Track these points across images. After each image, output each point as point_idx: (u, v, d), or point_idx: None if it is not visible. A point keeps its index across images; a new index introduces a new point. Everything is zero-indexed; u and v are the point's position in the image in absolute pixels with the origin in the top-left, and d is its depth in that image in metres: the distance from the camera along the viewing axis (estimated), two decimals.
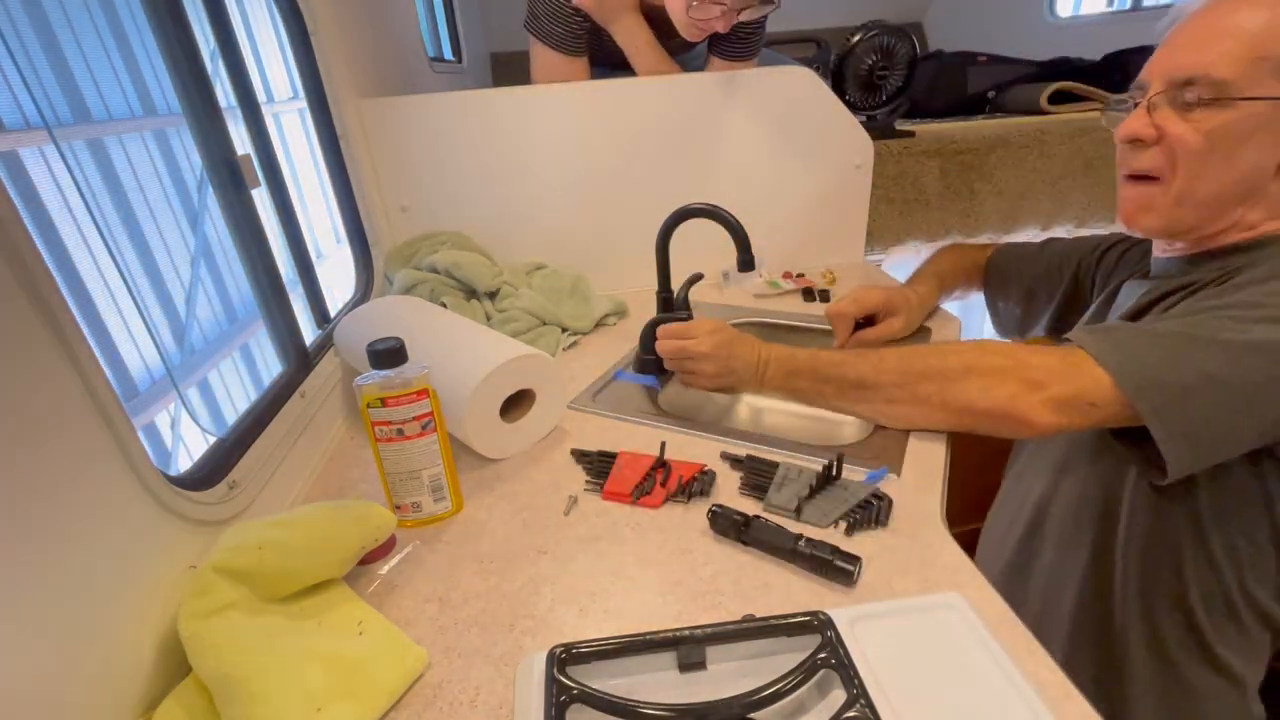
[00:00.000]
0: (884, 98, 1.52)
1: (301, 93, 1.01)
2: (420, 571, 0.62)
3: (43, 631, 0.41)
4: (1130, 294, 0.73)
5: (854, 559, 0.56)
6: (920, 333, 1.04)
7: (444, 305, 1.04)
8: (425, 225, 1.22)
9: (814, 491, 0.67)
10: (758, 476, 0.70)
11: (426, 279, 1.07)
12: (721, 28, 0.96)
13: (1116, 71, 1.78)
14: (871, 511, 0.63)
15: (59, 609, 0.43)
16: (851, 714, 0.42)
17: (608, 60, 1.15)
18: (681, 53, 1.03)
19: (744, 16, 0.96)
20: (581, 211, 1.22)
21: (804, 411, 1.06)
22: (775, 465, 0.71)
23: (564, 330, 1.08)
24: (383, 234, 1.17)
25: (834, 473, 0.68)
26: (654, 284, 1.02)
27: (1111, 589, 0.68)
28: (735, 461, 0.74)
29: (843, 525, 0.63)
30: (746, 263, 0.91)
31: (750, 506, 0.67)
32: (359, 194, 1.09)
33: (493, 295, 1.13)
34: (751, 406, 1.10)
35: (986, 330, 1.11)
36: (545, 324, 1.08)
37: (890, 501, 0.65)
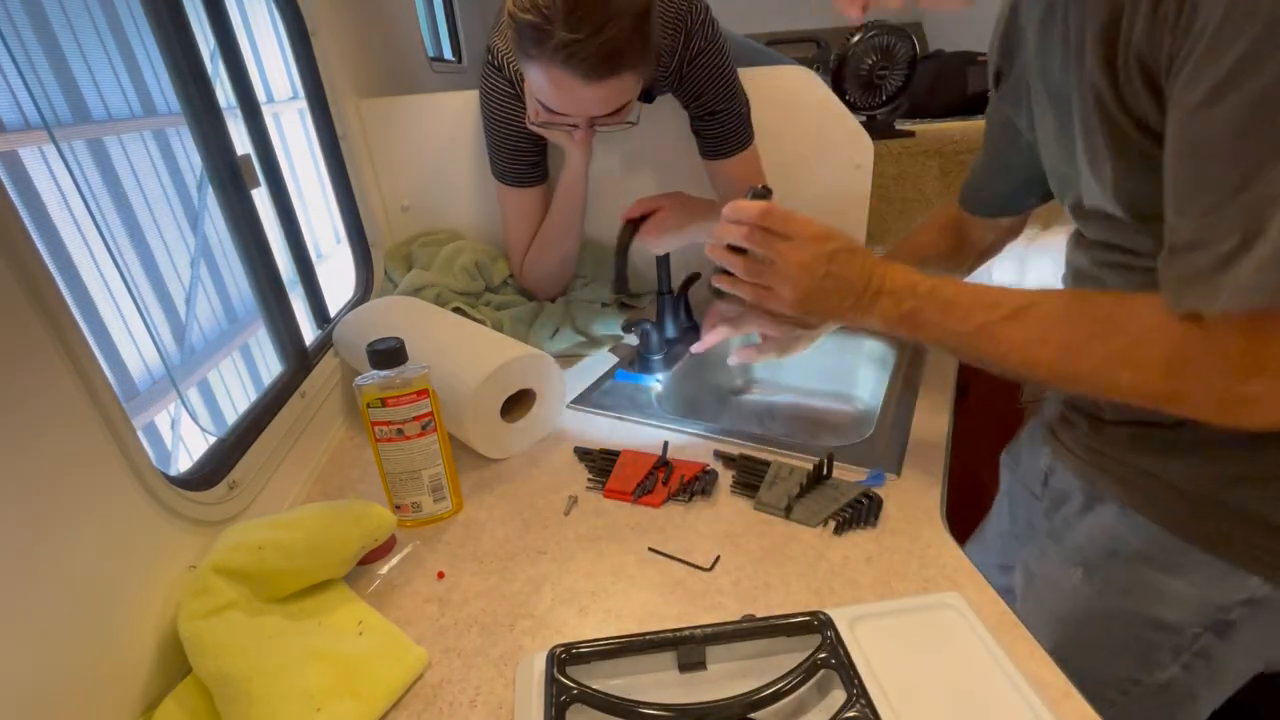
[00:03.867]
0: (884, 98, 1.52)
1: (301, 93, 1.01)
2: (420, 571, 0.62)
3: (43, 631, 0.41)
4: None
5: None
6: None
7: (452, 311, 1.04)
8: (425, 225, 1.22)
9: (804, 490, 0.67)
10: (749, 475, 0.71)
11: (434, 283, 1.07)
12: (578, 139, 0.97)
13: None
14: (861, 511, 0.63)
15: (59, 609, 0.43)
16: (851, 714, 0.42)
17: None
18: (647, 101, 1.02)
19: (602, 129, 0.96)
20: None
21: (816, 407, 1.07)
22: (767, 464, 0.71)
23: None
24: (383, 234, 1.17)
25: (825, 472, 0.69)
26: (654, 283, 1.02)
27: None
28: (728, 460, 0.74)
29: (831, 524, 0.63)
30: (620, 281, 0.91)
31: (742, 505, 0.67)
32: (359, 194, 1.09)
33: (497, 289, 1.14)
34: (755, 404, 1.10)
35: None
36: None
37: (880, 502, 0.65)
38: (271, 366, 0.87)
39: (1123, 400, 0.49)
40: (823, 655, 0.46)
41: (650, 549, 0.62)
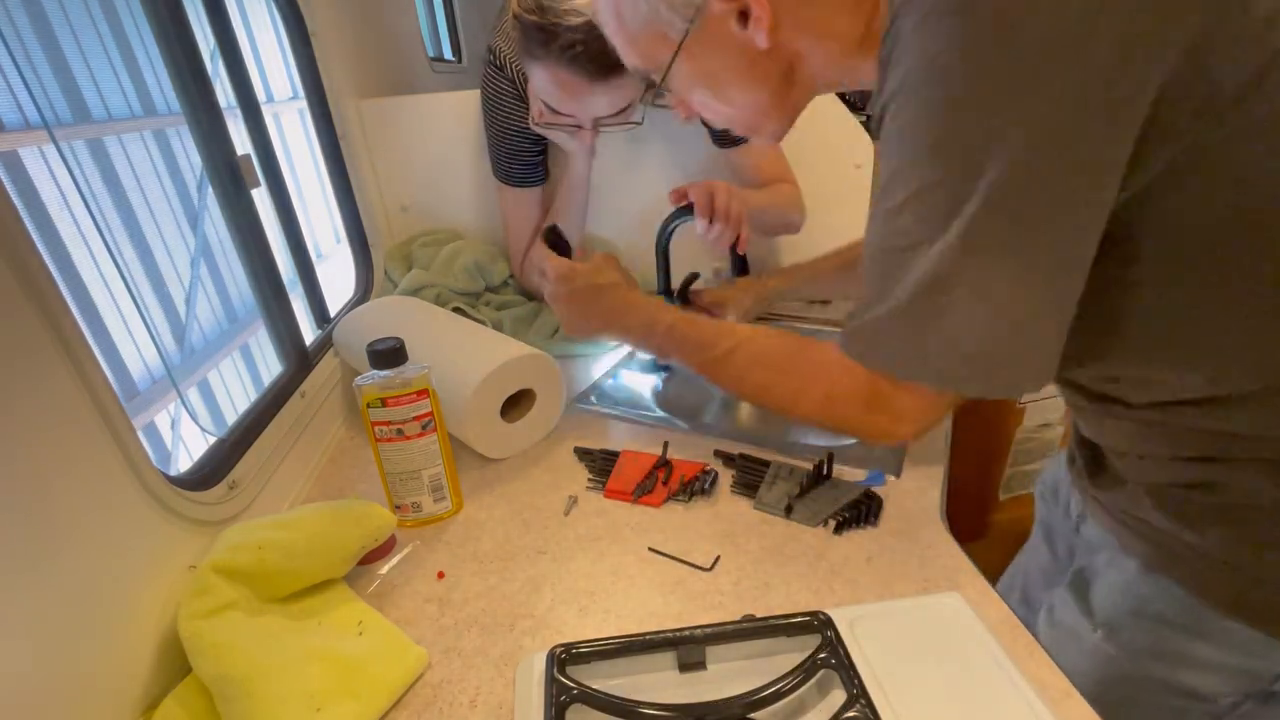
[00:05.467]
0: None
1: (301, 93, 1.01)
2: (420, 571, 0.62)
3: (43, 632, 0.41)
4: None
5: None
6: None
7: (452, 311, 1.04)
8: (425, 225, 1.22)
9: (804, 490, 0.67)
10: (749, 475, 0.71)
11: (434, 283, 1.07)
12: (582, 139, 0.96)
13: None
14: (861, 511, 0.63)
15: (59, 609, 0.43)
16: (851, 714, 0.42)
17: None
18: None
19: (606, 129, 0.96)
20: None
21: None
22: (767, 464, 0.71)
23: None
24: (383, 234, 1.17)
25: (825, 472, 0.69)
26: (655, 283, 1.02)
27: None
28: (728, 460, 0.74)
29: (831, 524, 0.63)
30: (741, 265, 0.91)
31: (742, 505, 0.67)
32: (359, 194, 1.09)
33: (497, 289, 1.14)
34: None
35: None
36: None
37: (880, 502, 0.65)
38: (271, 366, 0.87)
39: (818, 428, 0.58)
40: (823, 655, 0.46)
41: (650, 549, 0.62)
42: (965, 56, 0.39)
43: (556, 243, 0.83)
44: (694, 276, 1.03)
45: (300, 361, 0.84)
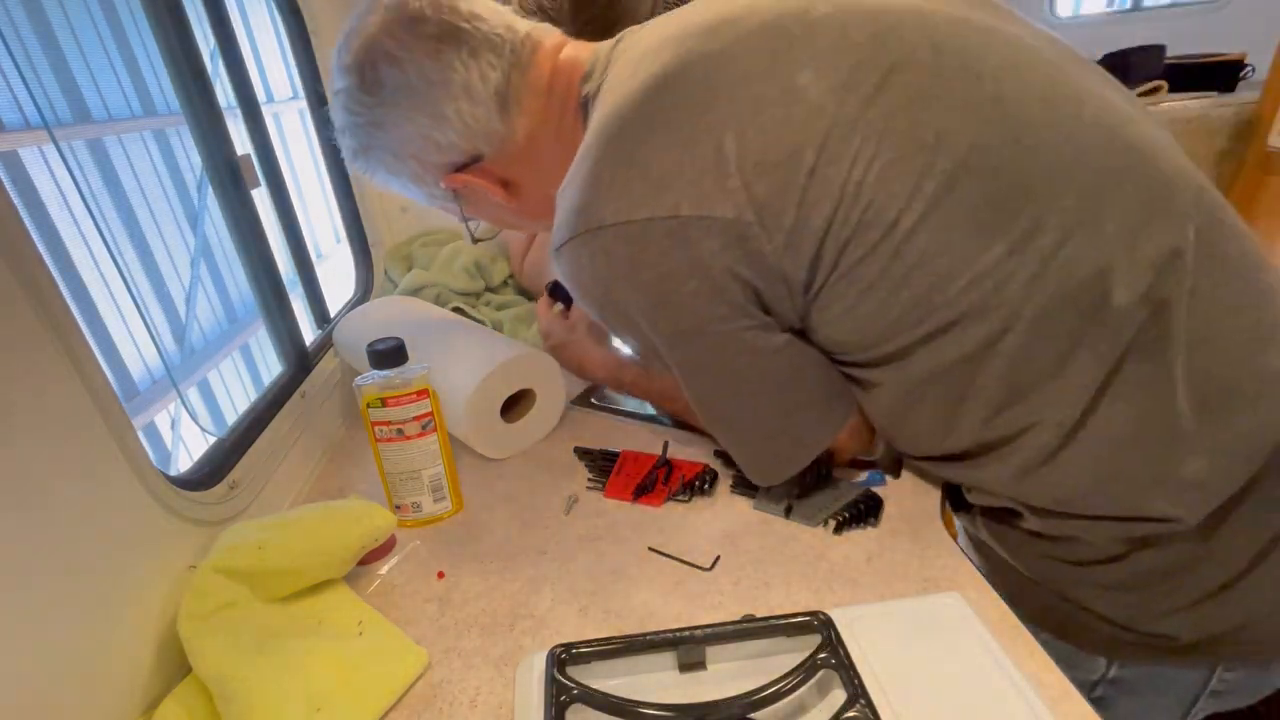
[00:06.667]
0: None
1: (301, 93, 1.01)
2: (420, 571, 0.62)
3: (43, 631, 0.41)
4: None
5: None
6: None
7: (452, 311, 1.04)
8: (425, 225, 1.22)
9: (804, 490, 0.67)
10: None
11: (434, 283, 1.07)
12: None
13: (1117, 71, 1.78)
14: (861, 511, 0.63)
15: (59, 609, 0.43)
16: (851, 714, 0.42)
17: None
18: None
19: None
20: None
21: None
22: None
23: None
24: (383, 234, 1.17)
25: (825, 472, 0.68)
26: None
27: None
28: (728, 460, 0.74)
29: (831, 524, 0.63)
30: None
31: (742, 505, 0.67)
32: (359, 194, 1.09)
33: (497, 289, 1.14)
34: None
35: None
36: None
37: (880, 502, 0.65)
38: (271, 366, 0.87)
39: None
40: (823, 655, 0.46)
41: (650, 549, 0.62)
42: (609, 310, 0.55)
43: (556, 291, 0.88)
44: None
45: (300, 362, 0.84)
